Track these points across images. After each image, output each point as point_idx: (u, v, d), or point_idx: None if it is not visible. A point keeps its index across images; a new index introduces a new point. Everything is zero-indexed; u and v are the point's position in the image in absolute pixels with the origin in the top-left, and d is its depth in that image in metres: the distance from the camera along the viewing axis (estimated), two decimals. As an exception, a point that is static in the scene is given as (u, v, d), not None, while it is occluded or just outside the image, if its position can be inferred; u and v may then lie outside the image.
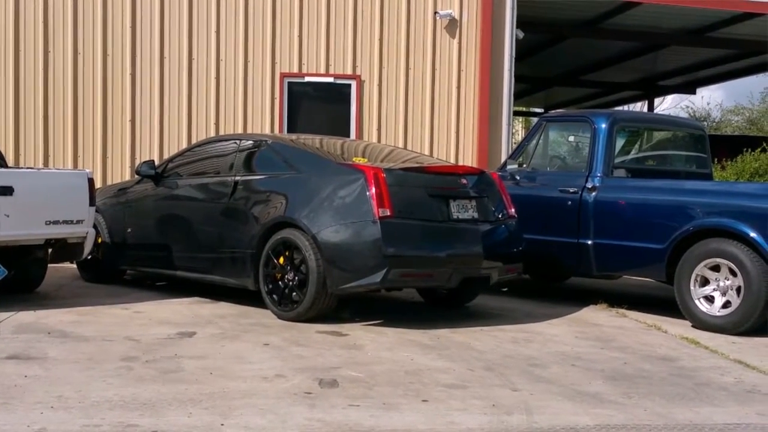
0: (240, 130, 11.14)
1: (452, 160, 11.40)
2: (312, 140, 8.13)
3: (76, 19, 10.78)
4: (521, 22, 11.87)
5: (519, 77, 12.61)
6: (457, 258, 6.76)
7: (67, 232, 7.50)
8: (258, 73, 11.21)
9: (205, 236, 7.68)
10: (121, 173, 10.92)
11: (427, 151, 11.52)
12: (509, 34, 11.62)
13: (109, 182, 10.82)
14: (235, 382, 4.84)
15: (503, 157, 10.97)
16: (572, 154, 9.14)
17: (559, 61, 18.62)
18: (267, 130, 11.19)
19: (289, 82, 11.28)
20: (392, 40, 11.44)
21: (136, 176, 8.73)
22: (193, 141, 11.01)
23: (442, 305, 7.91)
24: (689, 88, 23.44)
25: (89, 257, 8.26)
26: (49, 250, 7.74)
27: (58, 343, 5.83)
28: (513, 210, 7.40)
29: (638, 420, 4.35)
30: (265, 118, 11.22)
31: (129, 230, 8.45)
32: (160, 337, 6.10)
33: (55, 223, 7.37)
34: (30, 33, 10.72)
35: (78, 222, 7.52)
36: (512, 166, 8.96)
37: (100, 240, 8.37)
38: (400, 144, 11.46)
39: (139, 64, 10.95)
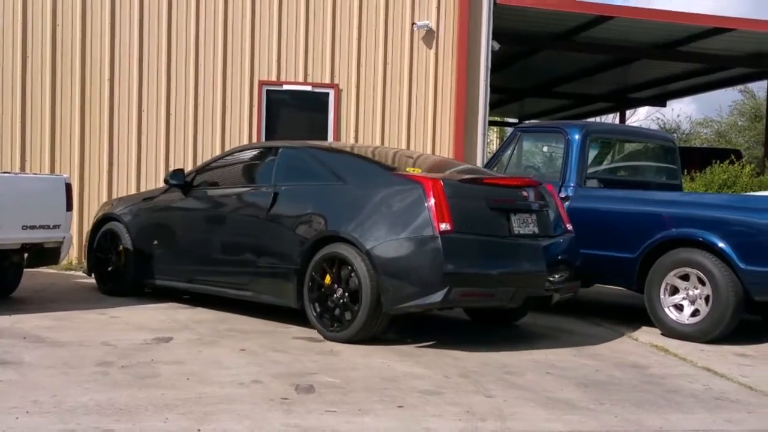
0: (218, 137, 11.10)
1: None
2: (361, 149, 7.74)
3: (55, 23, 10.69)
4: (497, 34, 11.93)
5: (494, 88, 12.67)
6: (520, 276, 6.29)
7: (44, 237, 7.46)
8: (236, 81, 11.17)
9: (240, 251, 7.16)
10: (99, 178, 10.84)
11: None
12: (485, 45, 11.67)
13: (86, 187, 10.76)
14: (211, 388, 4.81)
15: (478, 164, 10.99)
16: (546, 164, 9.19)
17: (533, 72, 18.74)
18: (245, 137, 11.16)
19: (267, 90, 11.25)
20: (370, 49, 11.46)
21: (163, 185, 8.21)
22: (171, 147, 10.99)
23: (489, 323, 7.40)
24: (660, 101, 23.71)
25: (109, 269, 8.23)
26: (26, 255, 7.67)
27: (34, 348, 5.77)
28: (570, 225, 6.94)
29: (609, 426, 4.37)
30: (243, 125, 11.19)
31: (155, 242, 7.91)
32: (136, 343, 6.05)
33: (32, 227, 7.33)
34: (9, 38, 10.62)
35: (55, 227, 7.49)
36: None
37: (121, 250, 8.15)
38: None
39: (118, 69, 10.87)
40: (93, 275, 8.56)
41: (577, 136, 8.62)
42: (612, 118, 26.10)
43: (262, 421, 4.19)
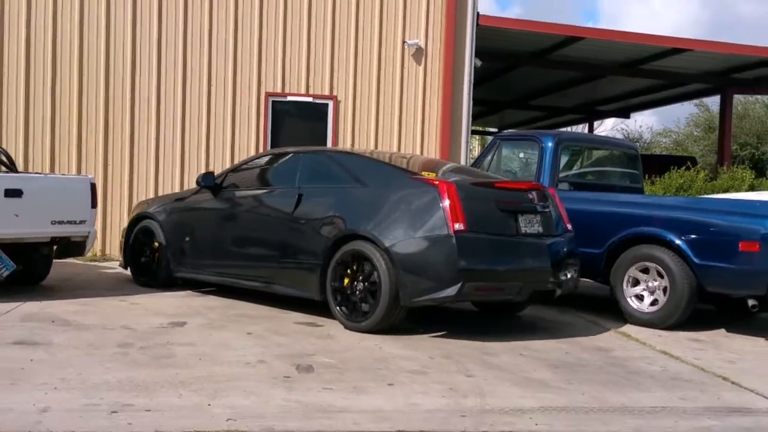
0: (228, 144, 11.07)
1: (417, 173, 11.40)
2: (379, 154, 7.50)
3: (82, 37, 10.65)
4: (479, 52, 11.93)
5: (476, 100, 12.66)
6: (527, 272, 6.14)
7: (71, 231, 7.46)
8: (245, 92, 11.16)
9: (266, 247, 6.98)
10: (120, 179, 10.80)
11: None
12: (468, 62, 11.68)
13: (109, 187, 10.73)
14: (221, 367, 4.81)
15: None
16: (522, 169, 9.19)
17: (511, 87, 18.77)
18: (252, 143, 11.14)
19: (273, 101, 11.24)
20: (365, 65, 11.46)
21: (195, 186, 8.01)
22: (186, 152, 10.97)
23: (495, 313, 7.26)
24: (624, 113, 23.77)
25: (145, 262, 8.09)
26: (54, 247, 7.67)
27: (61, 330, 5.76)
28: (570, 225, 6.78)
29: (577, 403, 4.39)
30: (251, 132, 11.17)
31: (187, 239, 7.71)
32: (154, 326, 6.05)
33: (60, 222, 7.35)
34: (39, 52, 10.57)
35: (81, 222, 7.49)
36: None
37: (156, 246, 7.98)
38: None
39: (138, 83, 10.85)
40: (129, 269, 8.39)
41: (550, 144, 8.64)
42: (581, 128, 26.11)
43: (267, 397, 4.20)
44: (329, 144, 11.33)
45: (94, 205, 7.63)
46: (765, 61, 14.72)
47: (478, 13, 11.76)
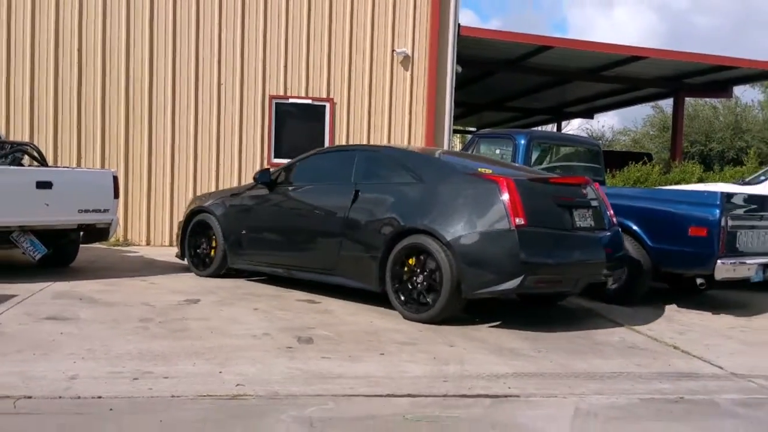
0: (236, 141, 11.03)
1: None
2: (435, 152, 7.00)
3: (104, 44, 10.59)
4: (460, 60, 11.91)
5: (457, 102, 12.65)
6: (582, 264, 5.70)
7: (96, 219, 7.44)
8: (251, 95, 11.11)
9: (324, 240, 6.47)
10: (140, 173, 10.76)
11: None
12: (450, 68, 11.66)
13: (130, 180, 10.68)
14: (230, 339, 4.81)
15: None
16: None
17: (488, 90, 18.75)
18: (258, 140, 11.09)
19: (276, 103, 11.19)
20: (359, 71, 11.42)
21: (250, 182, 7.55)
22: (199, 148, 10.92)
23: (536, 304, 6.69)
24: (589, 114, 23.79)
25: (200, 253, 7.65)
26: (81, 233, 7.65)
27: (88, 307, 5.74)
28: (615, 219, 6.33)
29: (546, 369, 4.41)
30: (257, 131, 11.13)
31: (244, 231, 7.20)
32: (171, 303, 6.03)
33: (86, 211, 7.34)
34: (66, 61, 10.50)
35: (104, 211, 7.47)
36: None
37: (212, 238, 7.51)
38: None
39: (155, 87, 10.79)
40: (186, 259, 7.86)
41: (523, 141, 8.69)
42: (551, 128, 26.12)
43: (271, 365, 4.20)
44: (326, 142, 11.30)
45: (116, 195, 7.61)
46: (713, 68, 14.76)
47: (459, 24, 11.74)
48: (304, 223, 6.69)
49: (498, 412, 3.54)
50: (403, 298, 5.72)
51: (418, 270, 5.65)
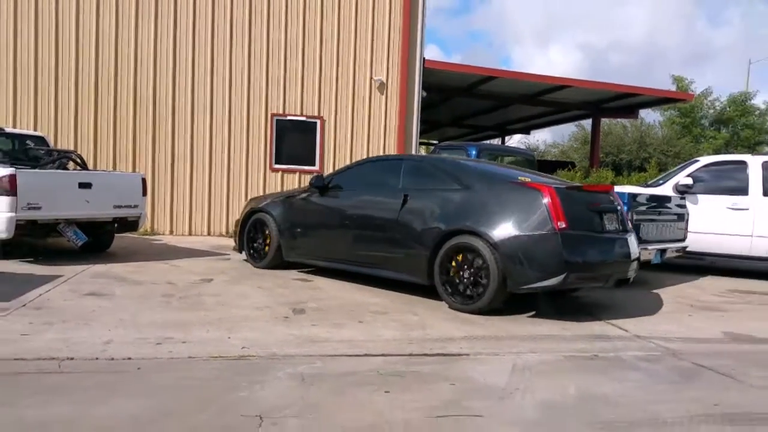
0: (244, 151, 10.90)
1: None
2: (479, 163, 6.45)
3: (136, 70, 10.40)
4: (425, 86, 11.91)
5: (423, 120, 12.67)
6: (614, 263, 5.27)
7: (127, 213, 7.32)
8: (256, 113, 10.98)
9: (374, 238, 5.92)
10: (165, 176, 10.59)
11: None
12: (417, 93, 11.64)
13: (156, 182, 10.51)
14: (237, 311, 4.75)
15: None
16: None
17: (448, 111, 18.79)
18: (262, 152, 10.97)
19: (276, 119, 11.08)
20: (343, 94, 11.35)
21: (305, 186, 7.08)
22: (213, 158, 10.77)
23: (553, 296, 5.98)
24: (526, 131, 24.01)
25: (256, 247, 7.07)
26: (116, 225, 7.51)
27: (121, 285, 5.64)
28: (630, 223, 5.93)
29: (491, 333, 4.42)
30: (260, 144, 11.00)
31: (298, 229, 6.66)
32: (189, 282, 5.94)
33: (119, 207, 7.22)
34: (105, 80, 10.30)
35: (135, 206, 7.36)
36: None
37: (267, 235, 6.93)
38: (348, 163, 11.40)
39: (177, 103, 10.63)
40: (244, 252, 7.28)
41: (473, 152, 8.71)
42: (496, 141, 26.23)
43: (270, 331, 4.16)
44: (317, 154, 11.22)
45: (144, 193, 7.49)
46: (623, 95, 14.95)
47: (424, 58, 11.72)
48: (356, 222, 6.15)
49: (452, 368, 3.54)
50: (450, 291, 5.27)
51: (465, 267, 5.20)
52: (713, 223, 8.02)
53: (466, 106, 17.97)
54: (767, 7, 71.44)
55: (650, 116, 31.61)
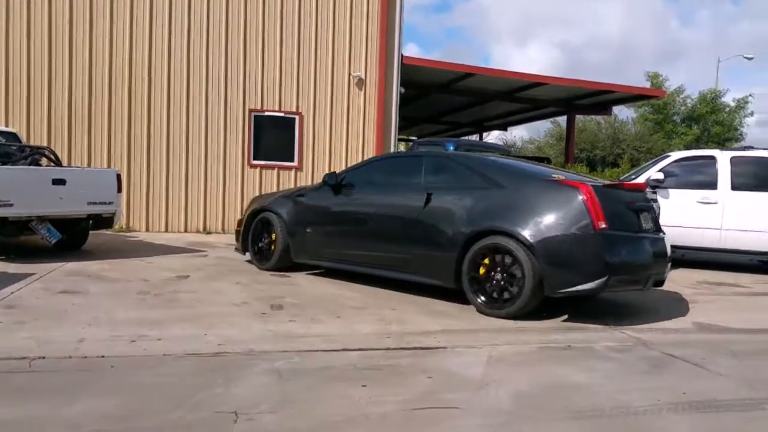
0: (221, 146, 10.78)
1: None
2: (507, 160, 5.90)
3: (111, 65, 10.21)
4: (403, 83, 11.89)
5: (402, 117, 12.67)
6: (651, 264, 4.96)
7: (102, 210, 7.19)
8: (234, 108, 10.87)
9: (393, 238, 5.51)
10: (140, 173, 10.43)
11: (344, 166, 11.43)
12: (395, 90, 11.63)
13: (131, 178, 10.34)
14: (214, 307, 4.69)
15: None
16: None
17: (426, 107, 18.78)
18: (239, 147, 10.86)
19: (254, 115, 10.98)
20: (322, 90, 11.28)
21: (314, 184, 6.66)
22: (189, 153, 10.63)
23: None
24: (504, 127, 24.08)
25: (262, 248, 6.64)
26: (90, 221, 7.37)
27: (95, 282, 5.54)
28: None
29: (467, 326, 4.44)
30: (238, 139, 10.89)
31: (309, 230, 6.22)
32: (165, 279, 5.86)
33: (94, 203, 7.09)
34: (79, 75, 10.09)
35: (109, 203, 7.23)
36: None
37: (274, 237, 6.49)
38: (327, 161, 11.35)
39: (153, 98, 10.47)
40: (247, 254, 6.91)
41: (451, 147, 8.72)
42: (475, 137, 26.36)
43: (248, 327, 4.12)
44: (296, 149, 11.15)
45: (119, 190, 7.35)
46: (596, 92, 15.11)
47: (402, 55, 11.71)
48: (374, 223, 5.74)
49: (429, 361, 3.54)
50: (480, 294, 4.90)
51: (497, 269, 4.83)
52: (684, 217, 8.17)
53: (445, 103, 17.98)
54: (736, 8, 72.97)
55: (624, 113, 32.14)
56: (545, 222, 4.68)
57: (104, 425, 2.52)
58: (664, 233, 5.32)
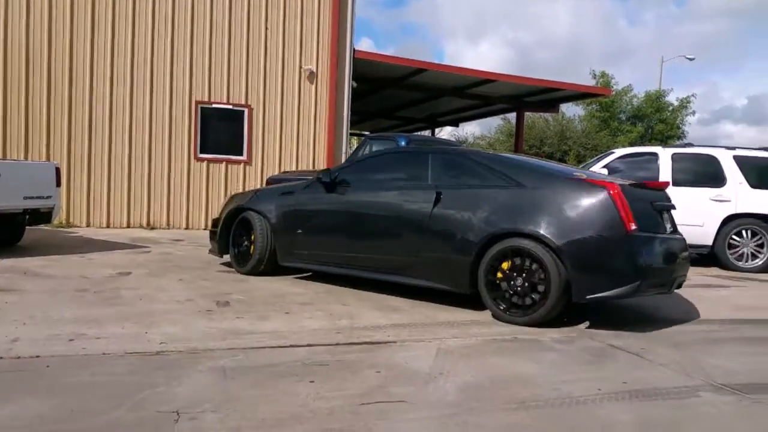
0: (166, 140, 10.48)
1: (311, 167, 11.26)
2: (525, 157, 5.54)
3: (50, 53, 9.76)
4: (356, 77, 11.88)
5: (356, 111, 12.67)
6: (677, 266, 4.74)
7: (40, 204, 6.91)
8: (179, 100, 10.59)
9: (399, 241, 5.11)
10: (81, 166, 10.05)
11: (294, 160, 11.32)
12: (347, 84, 11.60)
13: (72, 172, 9.93)
14: (157, 305, 4.57)
15: (342, 161, 10.97)
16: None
17: (379, 102, 18.81)
18: (186, 141, 10.59)
19: (201, 107, 10.72)
20: (272, 82, 11.13)
21: (306, 181, 6.08)
22: (133, 147, 10.30)
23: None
24: (455, 123, 24.40)
25: (242, 251, 6.15)
26: (27, 217, 7.06)
27: (31, 279, 5.31)
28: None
29: (417, 320, 4.48)
30: (184, 131, 10.63)
31: (300, 231, 5.73)
32: (105, 275, 5.67)
33: (31, 198, 6.80)
34: (15, 62, 9.60)
35: (47, 197, 6.96)
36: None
37: (260, 238, 5.94)
38: (278, 155, 11.20)
39: (95, 87, 10.08)
40: (226, 256, 6.48)
41: (403, 143, 8.75)
42: (428, 133, 26.58)
43: (192, 325, 4.02)
44: (245, 144, 10.96)
45: (58, 184, 7.08)
46: (545, 89, 15.49)
47: (354, 48, 11.67)
48: (375, 223, 5.31)
49: (378, 355, 3.55)
50: (499, 301, 4.60)
51: (518, 274, 4.52)
52: (626, 212, 8.49)
53: (398, 98, 18.05)
54: (679, 9, 76.20)
55: (571, 110, 33.07)
56: (572, 224, 4.39)
57: (37, 427, 2.41)
58: (681, 233, 5.15)
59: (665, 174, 8.52)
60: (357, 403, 2.79)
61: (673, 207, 5.14)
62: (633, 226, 4.33)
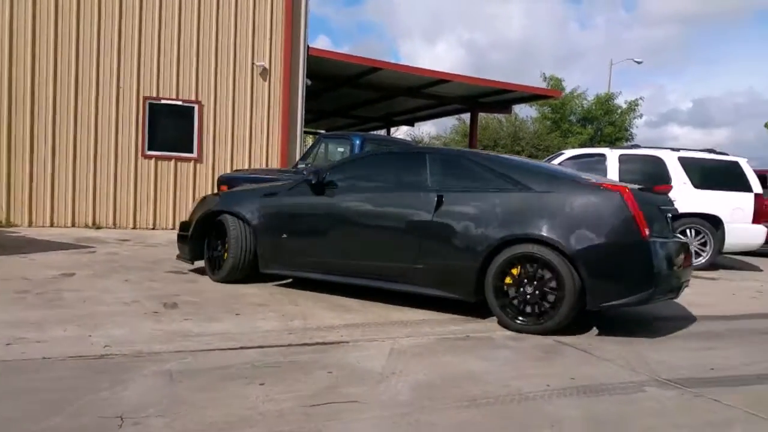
0: (113, 137, 10.14)
1: (264, 165, 11.11)
2: (531, 160, 5.41)
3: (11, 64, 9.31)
4: (310, 75, 11.79)
5: (311, 109, 12.57)
6: (685, 270, 4.66)
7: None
8: (127, 96, 10.26)
9: (397, 247, 4.84)
10: (22, 164, 9.61)
11: (247, 158, 11.14)
12: (301, 81, 11.49)
13: (12, 170, 9.49)
14: (101, 307, 4.42)
15: (296, 160, 10.87)
16: (339, 159, 9.21)
17: (335, 100, 18.76)
18: (133, 138, 10.27)
19: (149, 103, 10.42)
20: (223, 78, 10.91)
21: (281, 182, 5.85)
22: (78, 146, 9.92)
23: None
24: (411, 123, 24.59)
25: (216, 257, 5.67)
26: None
27: (-36, 283, 5.03)
28: None
29: (370, 320, 4.48)
30: (132, 128, 10.30)
31: (285, 235, 5.37)
32: (48, 277, 5.45)
33: None
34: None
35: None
36: (302, 166, 8.93)
37: (241, 244, 5.51)
38: (229, 153, 11.00)
39: (37, 82, 9.66)
40: (197, 262, 6.01)
41: (357, 142, 8.76)
42: (383, 132, 26.66)
43: (138, 327, 3.91)
44: (195, 141, 10.71)
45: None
46: (498, 90, 15.80)
47: (308, 45, 11.58)
48: (370, 228, 5.03)
49: (331, 356, 3.54)
50: (509, 309, 4.44)
51: (529, 281, 4.37)
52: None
53: (353, 97, 18.04)
54: (628, 14, 78.97)
55: (524, 111, 33.82)
56: (586, 229, 4.25)
57: (-33, 439, 2.30)
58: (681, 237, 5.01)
59: (612, 175, 8.81)
60: (308, 405, 2.77)
61: (676, 211, 5.06)
62: (647, 232, 4.24)
